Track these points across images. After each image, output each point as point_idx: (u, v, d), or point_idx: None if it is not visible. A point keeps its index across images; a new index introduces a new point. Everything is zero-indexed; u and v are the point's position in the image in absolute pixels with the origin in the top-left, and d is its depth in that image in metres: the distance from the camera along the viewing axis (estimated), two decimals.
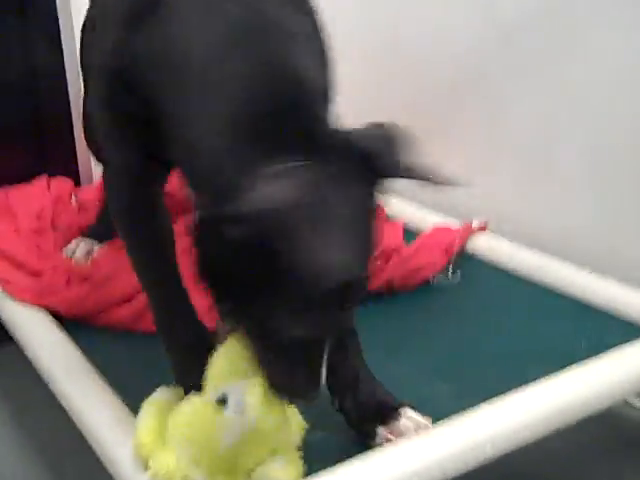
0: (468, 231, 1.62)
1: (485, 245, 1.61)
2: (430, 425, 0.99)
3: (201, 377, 0.92)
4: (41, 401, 1.49)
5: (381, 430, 0.98)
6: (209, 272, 0.83)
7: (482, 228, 1.65)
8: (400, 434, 0.97)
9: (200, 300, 0.96)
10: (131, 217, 1.07)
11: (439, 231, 1.62)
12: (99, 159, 1.52)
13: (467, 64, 1.74)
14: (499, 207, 1.72)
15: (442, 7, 1.77)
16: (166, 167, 1.03)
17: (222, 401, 0.89)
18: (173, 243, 1.08)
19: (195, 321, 1.08)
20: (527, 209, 1.67)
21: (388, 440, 0.97)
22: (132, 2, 0.92)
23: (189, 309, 1.07)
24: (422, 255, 1.51)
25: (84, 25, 1.31)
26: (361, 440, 1.00)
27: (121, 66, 0.91)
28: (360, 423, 1.01)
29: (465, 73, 1.76)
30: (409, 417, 0.99)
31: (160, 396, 1.01)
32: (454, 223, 1.66)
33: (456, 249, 1.55)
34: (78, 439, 1.09)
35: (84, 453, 1.08)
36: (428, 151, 0.86)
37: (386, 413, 0.99)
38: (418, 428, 0.97)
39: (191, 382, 0.95)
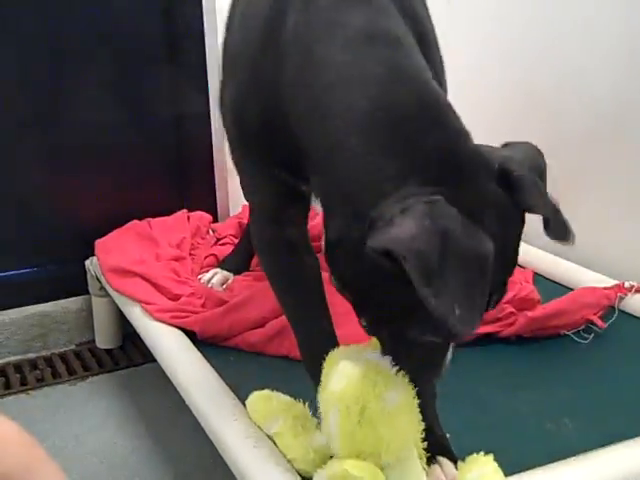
0: (618, 292, 1.51)
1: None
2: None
3: None
4: (176, 416, 1.56)
5: None
6: (347, 288, 0.86)
7: (638, 290, 1.51)
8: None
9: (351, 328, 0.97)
10: (272, 254, 1.10)
11: (585, 293, 1.49)
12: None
13: (607, 111, 1.68)
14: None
15: (581, 49, 1.70)
16: (304, 206, 1.06)
17: None
18: (318, 276, 1.07)
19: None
20: None
21: None
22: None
23: (332, 341, 1.05)
24: (561, 318, 1.42)
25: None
26: None
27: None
28: None
29: (604, 120, 1.69)
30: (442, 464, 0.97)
31: None
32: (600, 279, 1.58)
33: (600, 313, 1.46)
34: (212, 454, 1.11)
35: (219, 469, 1.10)
36: (565, 200, 0.85)
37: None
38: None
39: None
